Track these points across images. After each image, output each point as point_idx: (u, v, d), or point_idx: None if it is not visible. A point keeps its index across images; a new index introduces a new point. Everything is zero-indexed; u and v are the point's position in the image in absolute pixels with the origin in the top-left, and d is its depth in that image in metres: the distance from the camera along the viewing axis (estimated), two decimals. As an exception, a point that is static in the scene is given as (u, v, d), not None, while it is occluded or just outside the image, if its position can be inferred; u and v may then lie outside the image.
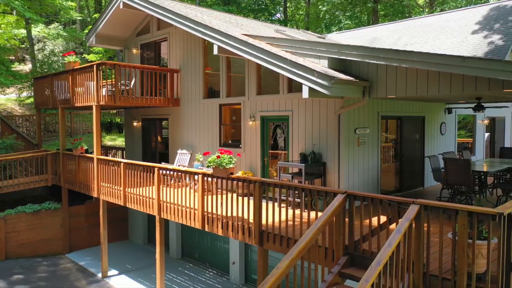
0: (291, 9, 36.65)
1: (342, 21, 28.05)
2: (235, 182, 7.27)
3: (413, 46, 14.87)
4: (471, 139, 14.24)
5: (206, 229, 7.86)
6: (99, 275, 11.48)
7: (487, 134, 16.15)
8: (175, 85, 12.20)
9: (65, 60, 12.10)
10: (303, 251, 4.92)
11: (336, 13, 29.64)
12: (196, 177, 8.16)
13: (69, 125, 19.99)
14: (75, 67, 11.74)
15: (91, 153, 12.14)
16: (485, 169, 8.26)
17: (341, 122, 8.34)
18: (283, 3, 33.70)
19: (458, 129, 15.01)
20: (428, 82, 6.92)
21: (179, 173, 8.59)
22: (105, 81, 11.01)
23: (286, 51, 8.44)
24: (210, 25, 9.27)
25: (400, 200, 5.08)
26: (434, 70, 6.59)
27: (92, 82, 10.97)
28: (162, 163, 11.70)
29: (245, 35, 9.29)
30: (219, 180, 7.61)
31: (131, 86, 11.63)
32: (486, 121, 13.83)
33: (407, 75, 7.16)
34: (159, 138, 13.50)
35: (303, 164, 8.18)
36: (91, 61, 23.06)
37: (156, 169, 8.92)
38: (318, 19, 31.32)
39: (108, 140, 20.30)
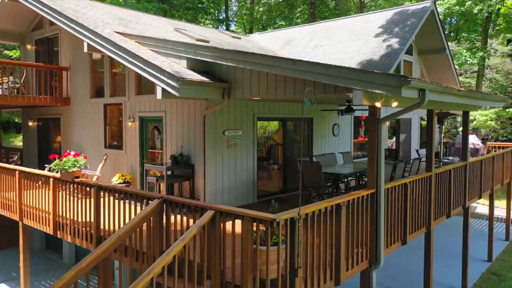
0: (232, 8, 36.57)
1: (277, 22, 28.16)
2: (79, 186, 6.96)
3: (321, 48, 15.07)
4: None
5: (59, 235, 7.49)
6: (-22, 284, 10.82)
7: (403, 135, 16.66)
8: (64, 84, 11.69)
9: None
10: (97, 259, 4.71)
11: (272, 14, 29.77)
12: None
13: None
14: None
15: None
16: (340, 171, 8.38)
17: (207, 123, 8.19)
18: (224, 3, 33.55)
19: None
20: (276, 84, 6.88)
21: (36, 176, 8.14)
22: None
23: (152, 50, 8.21)
24: (78, 21, 8.88)
25: (202, 206, 4.95)
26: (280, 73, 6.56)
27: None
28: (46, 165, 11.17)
29: (118, 33, 8.98)
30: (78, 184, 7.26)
31: (21, 83, 11.05)
32: (387, 123, 14.18)
33: (259, 77, 7.10)
34: (54, 138, 12.91)
35: (165, 167, 7.97)
36: None
37: (17, 172, 8.44)
38: (256, 20, 31.39)
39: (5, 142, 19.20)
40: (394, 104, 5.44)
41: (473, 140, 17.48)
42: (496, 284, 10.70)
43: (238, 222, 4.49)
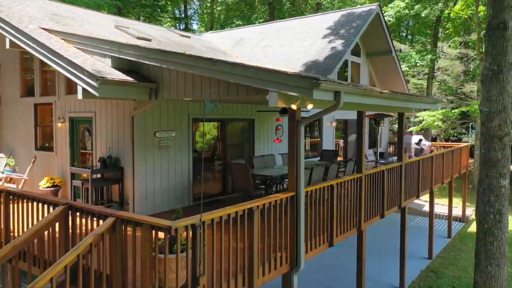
0: (192, 7, 36.09)
1: (234, 21, 28.02)
2: None
3: (271, 48, 15.02)
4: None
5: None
6: None
7: (354, 136, 16.84)
8: (-7, 82, 11.06)
9: None
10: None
11: (231, 13, 29.60)
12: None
13: None
14: None
15: None
16: (271, 173, 8.31)
17: (135, 124, 7.91)
18: (183, 1, 33.05)
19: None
20: (201, 84, 6.70)
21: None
22: None
23: (78, 48, 7.84)
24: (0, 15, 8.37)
25: (105, 213, 4.70)
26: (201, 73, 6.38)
27: None
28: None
29: (44, 29, 8.54)
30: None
31: None
32: (334, 123, 14.32)
33: (185, 77, 6.90)
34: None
35: (89, 170, 7.63)
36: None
37: None
38: (215, 19, 31.13)
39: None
40: (310, 106, 5.37)
41: (417, 140, 17.97)
42: (433, 281, 10.98)
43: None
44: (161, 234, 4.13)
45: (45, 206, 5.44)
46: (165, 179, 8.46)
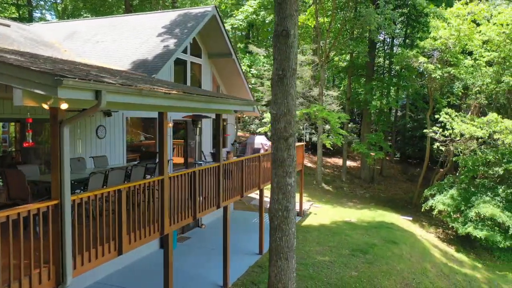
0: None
1: (82, 14, 25.98)
2: None
3: (103, 44, 14.09)
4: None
5: None
6: None
7: (196, 137, 16.74)
8: None
9: None
10: None
11: (80, 5, 27.38)
12: None
13: None
14: None
15: None
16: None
17: None
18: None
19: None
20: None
21: None
22: None
23: None
24: None
25: None
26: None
27: None
28: None
29: None
30: None
31: None
32: (170, 124, 14.03)
33: None
34: None
35: None
36: None
37: None
38: (63, 10, 28.50)
39: None
40: (63, 106, 4.90)
41: (261, 140, 18.83)
42: (257, 276, 11.41)
43: None
44: None
45: None
46: None
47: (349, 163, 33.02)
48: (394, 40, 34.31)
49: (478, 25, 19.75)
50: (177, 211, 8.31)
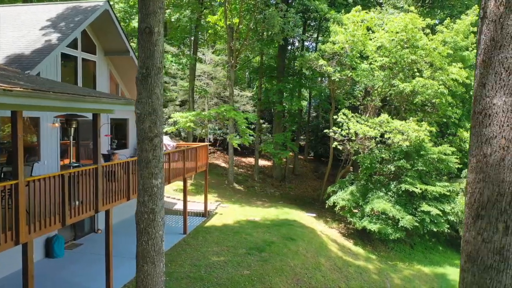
0: None
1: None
2: None
3: (-23, 36, 12.77)
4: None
5: None
6: None
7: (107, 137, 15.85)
8: None
9: None
10: None
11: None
12: None
13: None
14: None
15: None
16: None
17: None
18: None
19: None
20: None
21: None
22: None
23: None
24: None
25: None
26: None
27: None
28: None
29: None
30: None
31: None
32: (57, 124, 13.13)
33: None
34: None
35: None
36: None
37: None
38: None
39: None
40: None
41: (165, 141, 18.40)
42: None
43: None
44: None
45: None
46: None
47: (263, 162, 33.63)
48: (306, 44, 35.67)
49: (373, 32, 21.15)
50: (43, 217, 7.75)
